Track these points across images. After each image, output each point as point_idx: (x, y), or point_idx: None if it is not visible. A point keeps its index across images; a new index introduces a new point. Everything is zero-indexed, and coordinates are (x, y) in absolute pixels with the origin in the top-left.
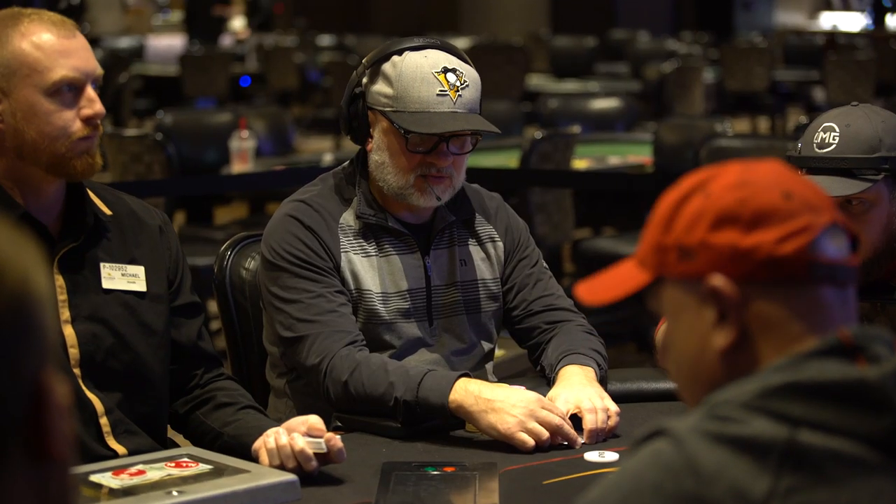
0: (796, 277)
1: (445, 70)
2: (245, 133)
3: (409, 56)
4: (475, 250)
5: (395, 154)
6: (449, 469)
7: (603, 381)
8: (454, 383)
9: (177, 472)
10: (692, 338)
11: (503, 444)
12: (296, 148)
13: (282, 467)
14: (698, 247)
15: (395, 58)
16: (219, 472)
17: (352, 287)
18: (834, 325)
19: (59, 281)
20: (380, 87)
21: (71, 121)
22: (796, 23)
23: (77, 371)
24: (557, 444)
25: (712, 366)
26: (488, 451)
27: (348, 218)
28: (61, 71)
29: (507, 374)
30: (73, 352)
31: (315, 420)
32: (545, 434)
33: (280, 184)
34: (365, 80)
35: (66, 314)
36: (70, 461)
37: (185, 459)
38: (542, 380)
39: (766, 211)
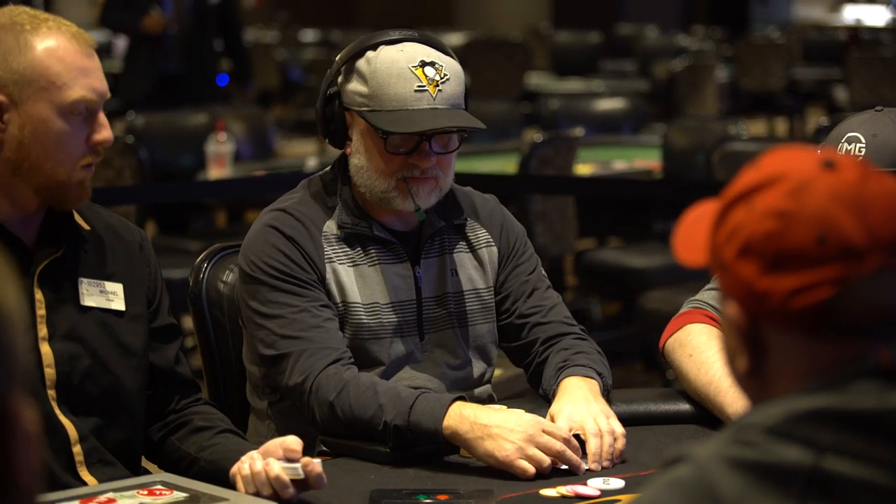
0: (809, 330)
1: (423, 64)
2: (222, 136)
3: (384, 51)
4: (467, 257)
5: (375, 157)
6: (442, 497)
7: (606, 395)
8: (448, 407)
9: (150, 500)
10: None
11: (500, 471)
12: (277, 152)
13: (258, 495)
14: (727, 267)
15: (370, 53)
16: (194, 499)
17: (338, 300)
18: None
19: (38, 295)
20: (354, 85)
21: (80, 145)
22: (816, 17)
23: (52, 393)
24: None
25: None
26: (484, 478)
27: (332, 226)
28: (80, 91)
29: (506, 395)
30: (49, 371)
31: (291, 442)
32: (546, 461)
33: (260, 190)
34: (340, 78)
35: (43, 331)
36: (36, 491)
37: (159, 487)
38: (543, 400)
39: (791, 254)
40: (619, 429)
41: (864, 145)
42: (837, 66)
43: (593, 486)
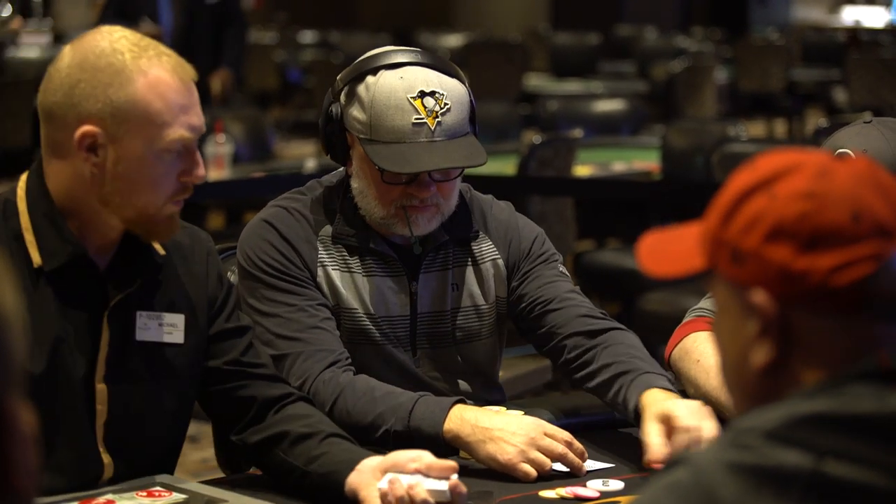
0: (849, 310)
1: (422, 94)
2: (221, 137)
3: (384, 77)
4: (470, 272)
5: (373, 184)
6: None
7: None
8: (449, 411)
9: (148, 501)
10: (735, 344)
11: (500, 472)
12: (276, 153)
13: None
14: (750, 255)
15: (370, 78)
16: (193, 501)
17: (331, 303)
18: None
19: (105, 333)
20: (354, 111)
21: (172, 182)
22: (816, 18)
23: (100, 431)
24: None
25: (753, 378)
26: (484, 480)
27: (329, 232)
28: (180, 130)
29: (507, 397)
30: (101, 409)
31: (435, 461)
32: (548, 464)
33: (259, 192)
34: (342, 98)
35: (102, 369)
36: (33, 494)
37: (158, 489)
38: (543, 401)
39: (827, 232)
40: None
41: None
42: (837, 68)
43: (592, 488)
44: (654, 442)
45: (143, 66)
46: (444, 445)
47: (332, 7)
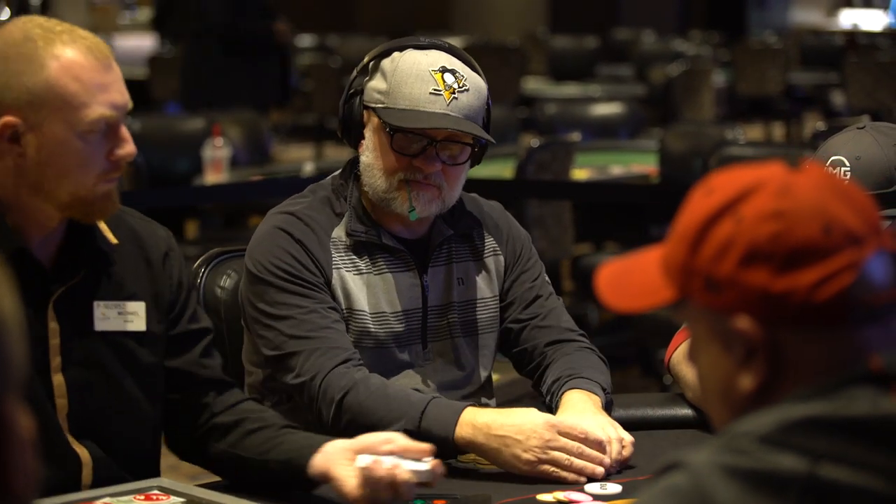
0: (833, 321)
1: (444, 70)
2: (219, 141)
3: (410, 52)
4: (474, 266)
5: (381, 154)
6: (440, 502)
7: (608, 409)
8: (460, 416)
9: None
10: (719, 372)
11: (497, 475)
12: (274, 157)
13: (373, 498)
14: (726, 281)
15: (396, 53)
16: None
17: (343, 306)
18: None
19: (53, 324)
20: (375, 82)
21: (100, 161)
22: (814, 21)
23: (64, 423)
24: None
25: (742, 403)
26: (482, 483)
27: (340, 233)
28: (99, 109)
29: (505, 399)
30: (62, 402)
31: (410, 443)
32: (566, 459)
33: (257, 195)
34: (366, 73)
35: (56, 361)
36: (31, 497)
37: (156, 492)
38: (541, 404)
39: (802, 249)
40: (626, 437)
41: (848, 169)
42: (835, 71)
43: (590, 492)
44: None
45: (55, 50)
46: (452, 449)
47: (329, 11)
